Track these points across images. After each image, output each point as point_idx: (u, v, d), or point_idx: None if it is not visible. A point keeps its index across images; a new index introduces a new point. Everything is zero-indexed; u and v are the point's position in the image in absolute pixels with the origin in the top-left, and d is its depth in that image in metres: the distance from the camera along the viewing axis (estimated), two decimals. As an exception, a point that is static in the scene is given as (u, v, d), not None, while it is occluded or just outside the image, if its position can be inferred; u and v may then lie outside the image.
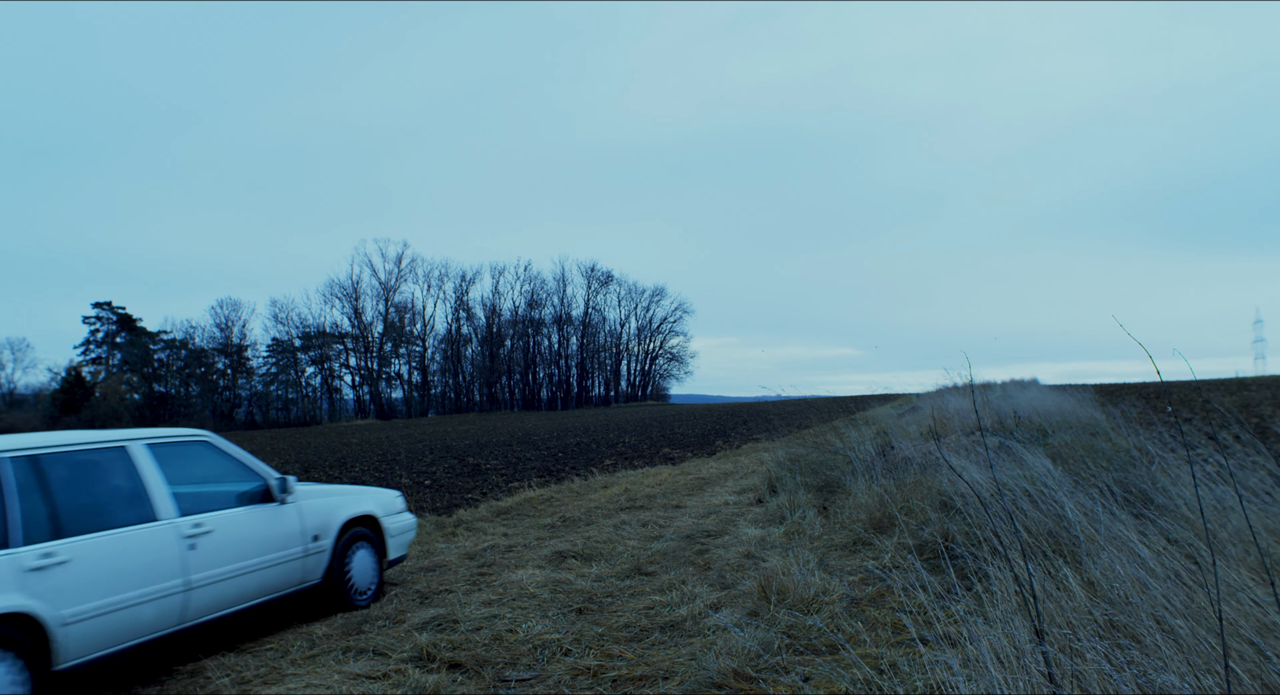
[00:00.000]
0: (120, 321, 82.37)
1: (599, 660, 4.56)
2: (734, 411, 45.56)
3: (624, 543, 8.10)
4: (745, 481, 12.39)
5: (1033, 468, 5.86)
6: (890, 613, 4.54)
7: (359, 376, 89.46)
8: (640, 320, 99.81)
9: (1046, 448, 8.10)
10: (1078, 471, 6.02)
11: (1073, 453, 7.51)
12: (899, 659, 3.84)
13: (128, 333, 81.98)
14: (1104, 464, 6.34)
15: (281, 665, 4.82)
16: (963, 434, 10.72)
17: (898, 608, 4.52)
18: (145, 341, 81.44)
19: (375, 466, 20.84)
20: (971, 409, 8.03)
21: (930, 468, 8.04)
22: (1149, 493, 5.08)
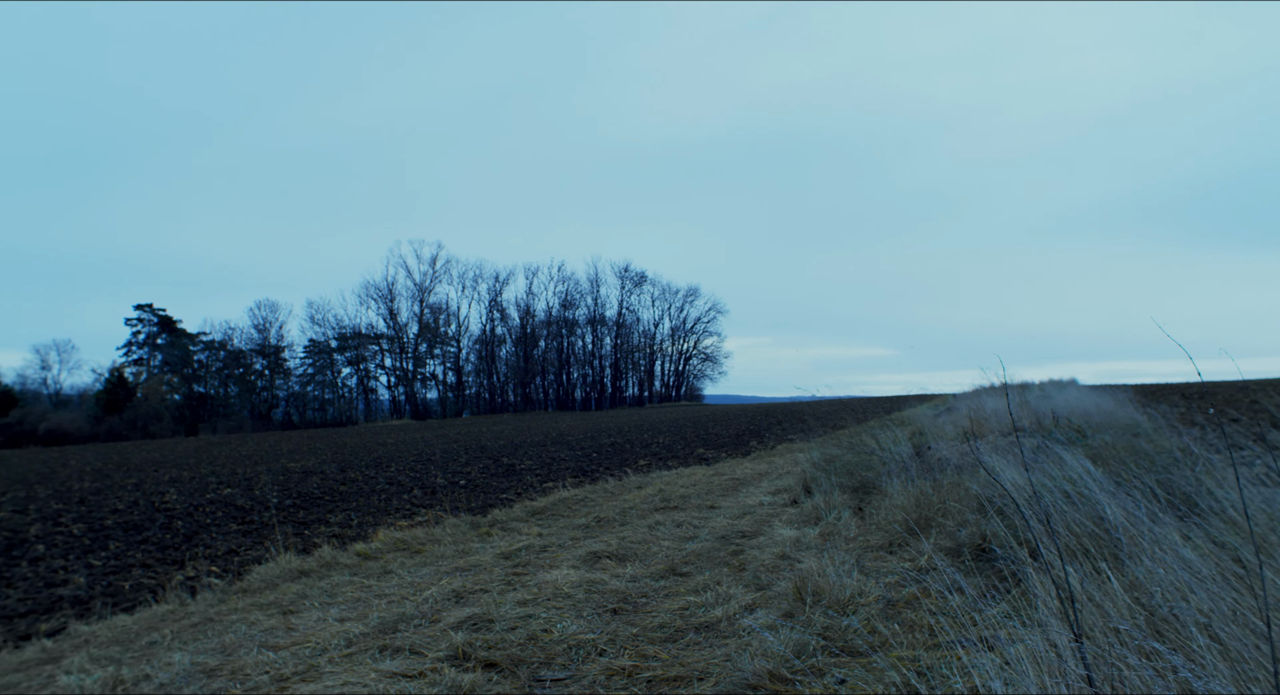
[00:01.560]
0: (161, 323, 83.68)
1: (634, 660, 4.55)
2: (768, 412, 45.42)
3: (658, 543, 8.09)
4: (780, 482, 12.33)
5: (1072, 469, 5.78)
6: (927, 615, 4.49)
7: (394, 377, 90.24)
8: (674, 320, 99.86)
9: (1086, 449, 7.99)
10: (1118, 473, 5.92)
11: (1113, 454, 7.39)
12: (936, 662, 3.80)
13: (168, 334, 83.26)
14: (1145, 465, 6.23)
15: (319, 663, 4.86)
16: (1000, 435, 10.60)
17: (934, 610, 4.47)
18: (185, 343, 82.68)
19: (411, 467, 20.98)
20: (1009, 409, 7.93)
21: (967, 469, 7.96)
22: (1193, 495, 4.98)
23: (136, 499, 16.56)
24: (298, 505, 14.39)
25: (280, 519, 12.77)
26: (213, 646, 5.54)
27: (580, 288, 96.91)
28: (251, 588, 7.86)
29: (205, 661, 5.11)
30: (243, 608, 6.88)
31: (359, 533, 10.97)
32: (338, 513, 13.19)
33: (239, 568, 9.21)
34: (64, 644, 6.48)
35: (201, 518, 13.47)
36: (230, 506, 14.65)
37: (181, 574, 9.14)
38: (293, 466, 22.94)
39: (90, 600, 8.29)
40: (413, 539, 9.54)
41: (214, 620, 6.56)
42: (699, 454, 20.67)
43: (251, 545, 10.70)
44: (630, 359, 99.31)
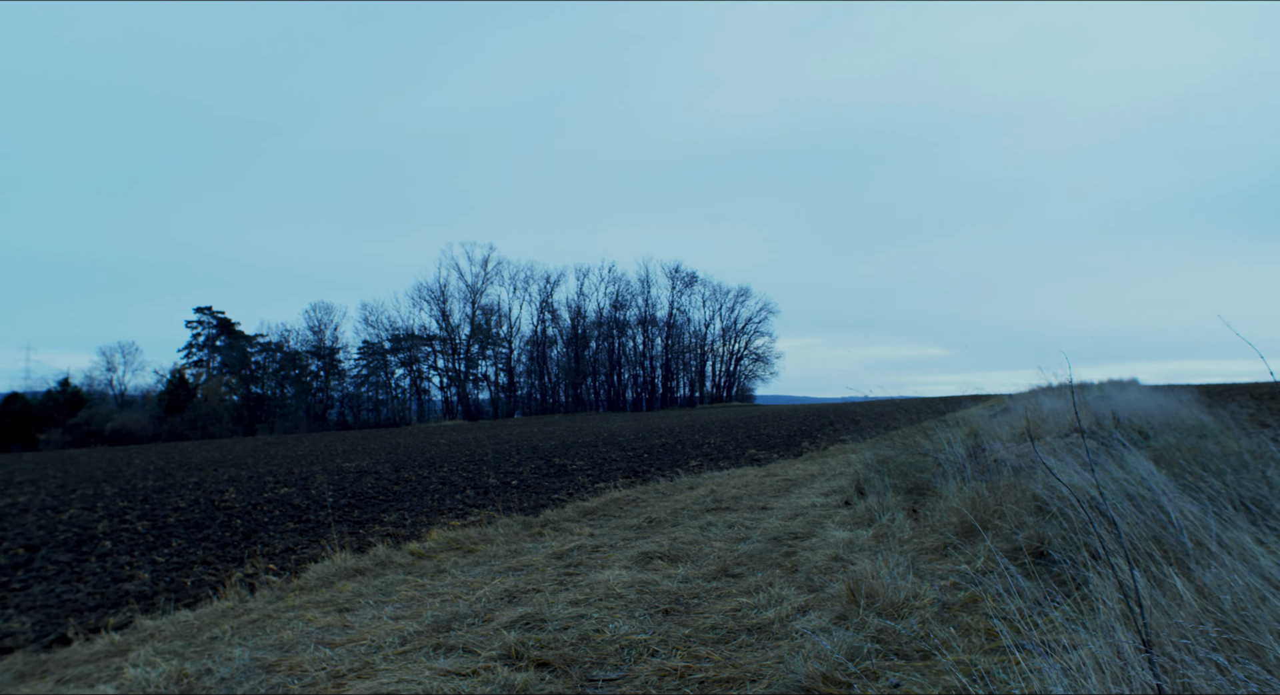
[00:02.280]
0: (220, 325, 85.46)
1: (686, 662, 4.53)
2: (820, 412, 45.10)
3: (710, 544, 8.06)
4: (832, 483, 12.23)
5: (1135, 471, 5.64)
6: (984, 619, 4.41)
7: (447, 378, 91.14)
8: (725, 321, 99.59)
9: (1149, 450, 7.80)
10: (1184, 475, 5.78)
11: (1177, 456, 7.22)
12: (993, 666, 3.73)
13: (227, 336, 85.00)
14: (1213, 468, 6.07)
15: (374, 660, 4.91)
16: (1058, 436, 10.40)
17: (991, 614, 4.40)
18: (243, 344, 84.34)
19: (463, 467, 21.15)
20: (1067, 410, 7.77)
21: (1024, 470, 7.82)
22: (1266, 498, 4.84)
23: (197, 497, 16.91)
24: (353, 504, 14.58)
25: (336, 518, 12.95)
26: (271, 643, 5.63)
27: (631, 288, 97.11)
28: (308, 585, 7.98)
29: (264, 657, 5.19)
30: (300, 605, 6.98)
31: (413, 532, 11.08)
32: (392, 512, 13.33)
33: (296, 566, 9.35)
34: (130, 637, 6.63)
35: (260, 516, 13.71)
36: (287, 505, 14.89)
37: (241, 571, 9.30)
38: (347, 466, 23.26)
39: (155, 596, 8.47)
40: (465, 538, 9.61)
41: (272, 617, 6.67)
42: (750, 455, 20.57)
43: (308, 544, 10.86)
44: (681, 360, 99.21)
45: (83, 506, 16.39)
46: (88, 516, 14.78)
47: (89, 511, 15.50)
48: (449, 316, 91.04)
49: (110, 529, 13.09)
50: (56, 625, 7.63)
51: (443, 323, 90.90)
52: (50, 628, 7.54)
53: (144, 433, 67.66)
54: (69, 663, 6.06)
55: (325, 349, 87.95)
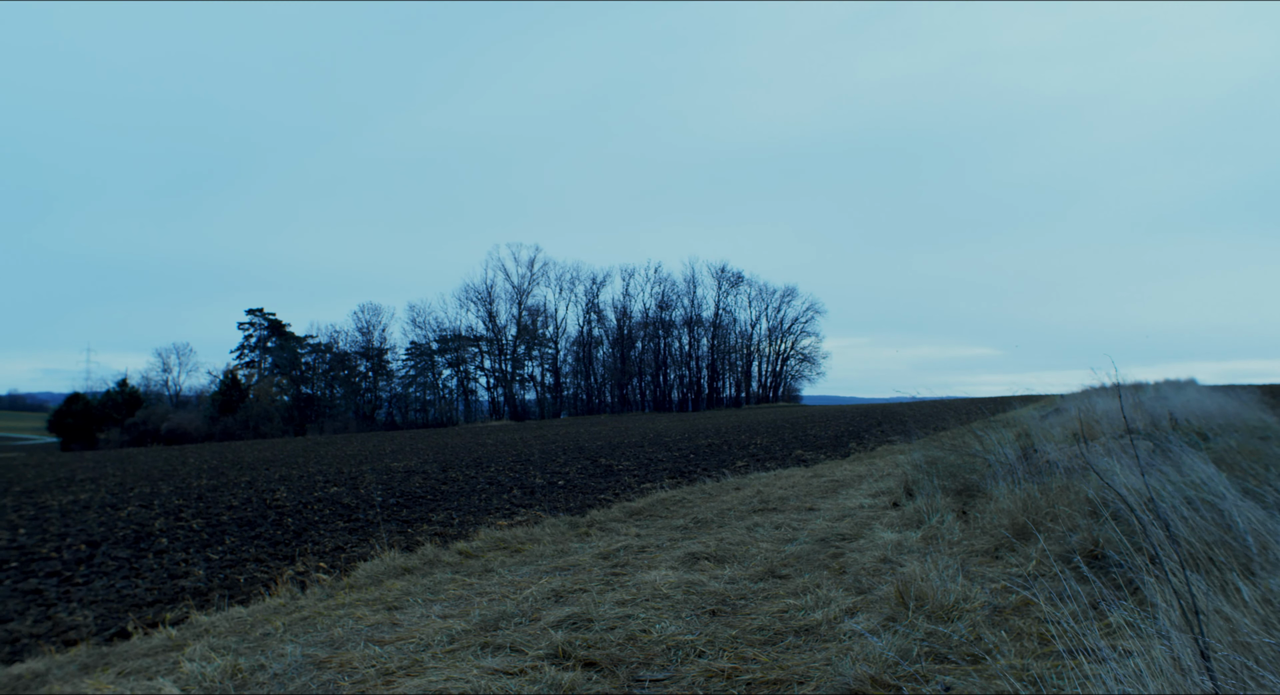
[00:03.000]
0: (271, 327, 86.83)
1: (733, 663, 4.52)
2: (867, 413, 44.72)
3: (757, 545, 8.03)
4: (880, 484, 12.12)
5: (1193, 473, 5.52)
6: (1036, 623, 4.34)
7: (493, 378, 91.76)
8: (771, 321, 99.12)
9: (1208, 452, 7.63)
10: (1246, 478, 5.64)
11: (1239, 458, 7.05)
12: (1046, 672, 3.66)
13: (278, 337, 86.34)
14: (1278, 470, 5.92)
15: (423, 658, 4.95)
16: (1112, 437, 10.20)
17: (1043, 618, 4.32)
18: (293, 345, 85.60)
19: (510, 467, 21.28)
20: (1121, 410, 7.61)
21: (1077, 472, 7.68)
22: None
23: (250, 496, 17.19)
24: (401, 504, 14.73)
25: (384, 517, 13.10)
26: (322, 640, 5.70)
27: (677, 289, 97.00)
28: (358, 584, 8.07)
29: (315, 654, 5.26)
30: (350, 603, 7.07)
31: (460, 531, 11.17)
32: (439, 512, 13.45)
33: (346, 564, 9.47)
34: (187, 633, 6.76)
35: (310, 515, 13.90)
36: (337, 504, 15.08)
37: (292, 569, 9.44)
38: (396, 466, 23.51)
39: (209, 592, 8.64)
40: (512, 538, 9.67)
41: (323, 614, 6.76)
42: (797, 455, 20.46)
43: (357, 542, 11.00)
44: (727, 360, 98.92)
45: (140, 504, 16.75)
46: (145, 514, 15.10)
47: (146, 509, 15.83)
48: (495, 317, 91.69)
49: (167, 526, 13.36)
50: (117, 619, 7.81)
51: (489, 323, 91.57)
52: (111, 622, 7.73)
53: (198, 432, 69.00)
54: (128, 656, 6.21)
55: (374, 350, 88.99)
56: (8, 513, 16.52)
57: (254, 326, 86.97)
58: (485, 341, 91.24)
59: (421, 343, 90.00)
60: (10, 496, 20.19)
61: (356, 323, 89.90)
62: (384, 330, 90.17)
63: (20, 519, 15.36)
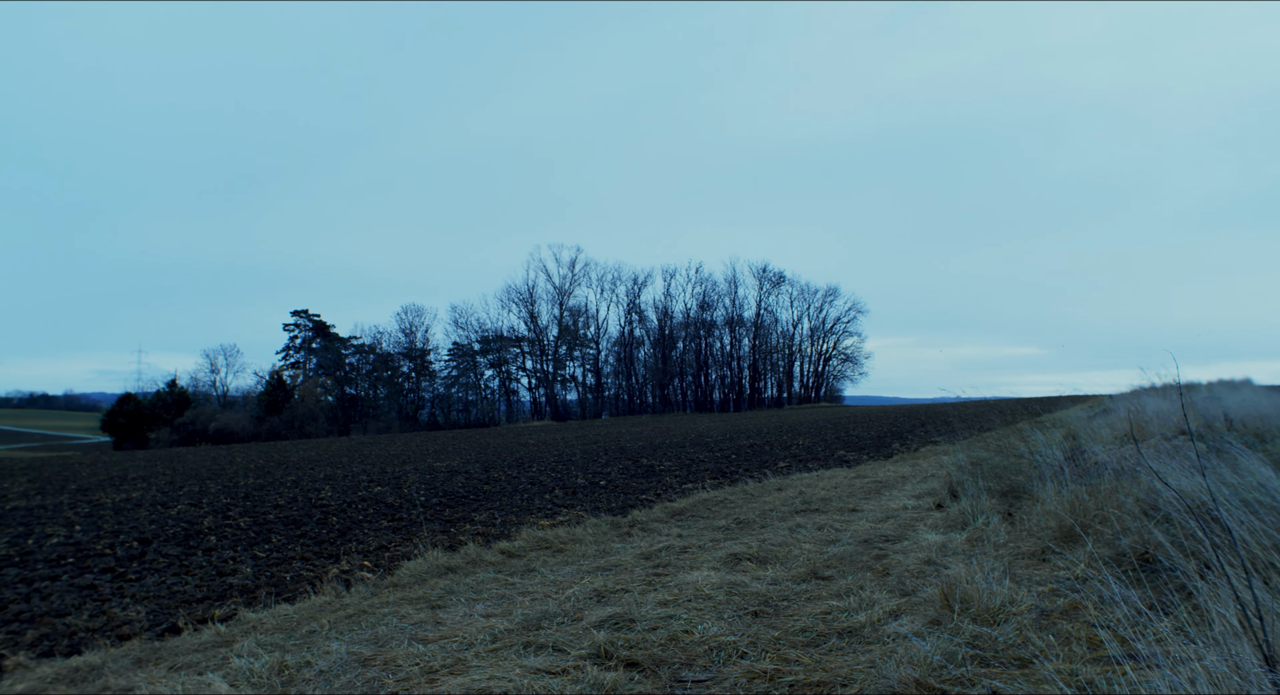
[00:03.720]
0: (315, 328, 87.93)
1: (775, 664, 4.49)
2: (910, 413, 44.29)
3: (799, 546, 7.98)
4: (924, 485, 12.00)
5: (1251, 475, 5.40)
6: (1085, 627, 4.27)
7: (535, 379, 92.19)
8: (813, 321, 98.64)
9: (1265, 454, 7.45)
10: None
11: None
12: (1096, 677, 3.60)
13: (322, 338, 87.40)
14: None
15: (466, 657, 4.99)
16: (1163, 438, 10.01)
17: (1093, 622, 4.25)
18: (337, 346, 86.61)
19: (551, 467, 21.36)
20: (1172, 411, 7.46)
21: (1126, 474, 7.55)
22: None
23: (295, 496, 17.42)
24: (444, 503, 14.85)
25: (427, 516, 13.20)
26: (366, 637, 5.76)
27: (718, 289, 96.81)
28: (401, 582, 8.15)
29: (360, 651, 5.32)
30: (394, 601, 7.14)
31: (502, 531, 11.23)
32: (482, 511, 13.54)
33: (389, 563, 9.56)
34: (235, 629, 6.87)
35: (354, 514, 14.06)
36: (381, 504, 15.24)
37: (337, 567, 9.55)
38: (438, 466, 23.70)
39: (256, 589, 8.76)
40: (555, 538, 9.70)
41: (367, 612, 6.83)
42: (839, 456, 20.33)
43: (401, 541, 11.10)
44: (768, 360, 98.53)
45: (189, 502, 17.04)
46: (194, 512, 15.36)
47: (195, 507, 16.10)
48: (537, 318, 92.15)
49: (215, 524, 13.58)
50: (168, 615, 7.96)
51: (531, 324, 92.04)
52: (162, 617, 7.88)
53: (244, 432, 70.06)
54: (179, 651, 6.32)
55: (416, 351, 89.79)
56: (64, 510, 16.89)
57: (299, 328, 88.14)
58: (527, 342, 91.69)
59: (464, 343, 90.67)
60: (66, 494, 20.65)
61: (400, 324, 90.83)
62: (427, 331, 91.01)
63: (76, 516, 15.71)
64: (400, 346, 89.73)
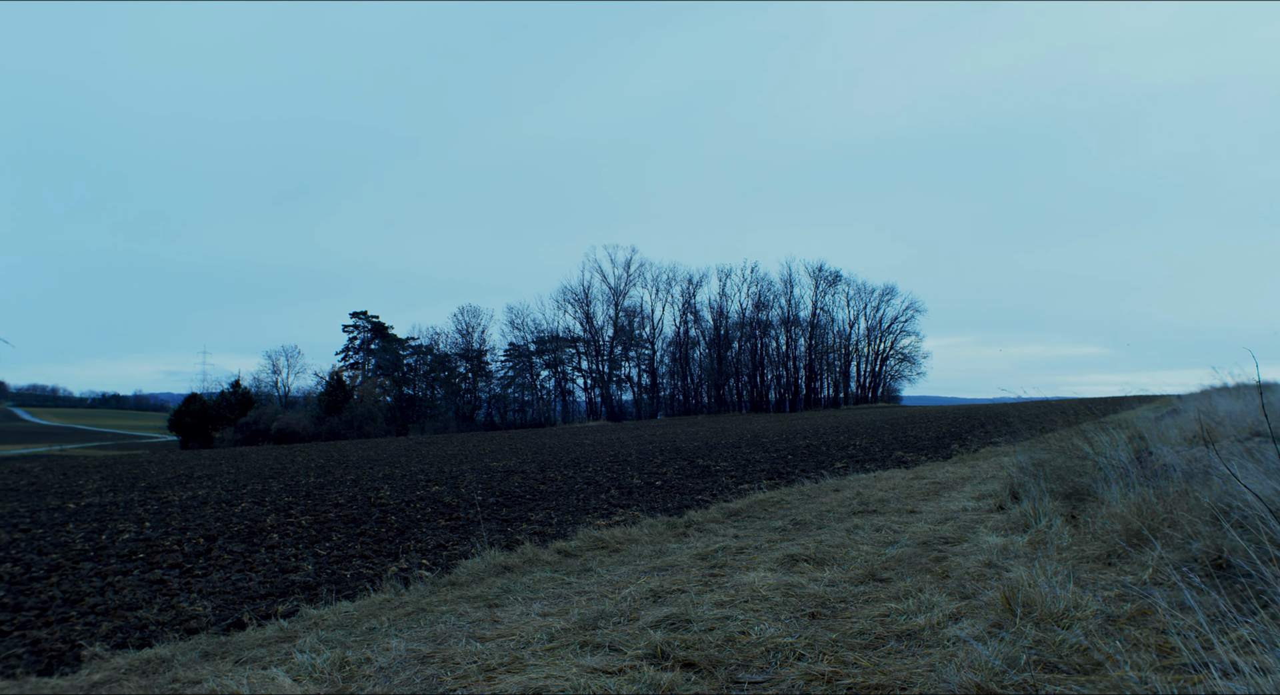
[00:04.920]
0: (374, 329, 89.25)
1: (833, 666, 4.45)
2: (969, 414, 43.63)
3: (857, 548, 7.90)
4: (984, 487, 11.81)
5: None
6: (1155, 633, 4.16)
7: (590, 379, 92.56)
8: (869, 320, 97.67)
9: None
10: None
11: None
12: (1167, 685, 3.50)
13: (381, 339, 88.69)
14: None
15: (523, 655, 5.01)
16: (1236, 439, 9.72)
17: (1163, 628, 4.14)
18: (396, 347, 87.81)
19: (607, 467, 21.41)
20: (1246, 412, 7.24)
21: (1197, 476, 7.34)
22: None
23: (355, 494, 17.68)
24: (500, 503, 14.96)
25: (484, 516, 13.32)
26: (425, 635, 5.82)
27: (773, 289, 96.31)
28: (459, 581, 8.23)
29: (419, 649, 5.37)
30: (451, 599, 7.20)
31: (559, 531, 11.28)
32: (538, 511, 13.61)
33: (447, 561, 9.66)
34: (297, 625, 7.00)
35: (413, 513, 14.22)
36: (438, 503, 15.40)
37: (395, 565, 9.67)
38: (495, 466, 23.89)
39: (317, 586, 8.91)
40: (610, 538, 9.72)
41: (425, 610, 6.90)
42: (897, 457, 20.09)
43: (458, 540, 11.20)
44: (824, 360, 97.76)
45: (252, 501, 17.39)
46: (257, 510, 15.67)
47: (258, 506, 16.42)
48: (592, 318, 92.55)
49: (277, 522, 13.83)
50: (233, 610, 8.13)
51: (586, 325, 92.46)
52: (228, 612, 8.05)
53: (305, 432, 71.35)
54: (244, 646, 6.45)
55: (473, 351, 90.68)
56: (134, 507, 17.35)
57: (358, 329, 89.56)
58: (582, 342, 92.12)
59: (520, 344, 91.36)
60: (136, 492, 21.21)
61: (456, 325, 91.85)
62: (483, 332, 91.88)
63: (145, 513, 16.12)
64: (457, 347, 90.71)
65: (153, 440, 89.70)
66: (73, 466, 36.49)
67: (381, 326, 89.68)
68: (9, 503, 19.84)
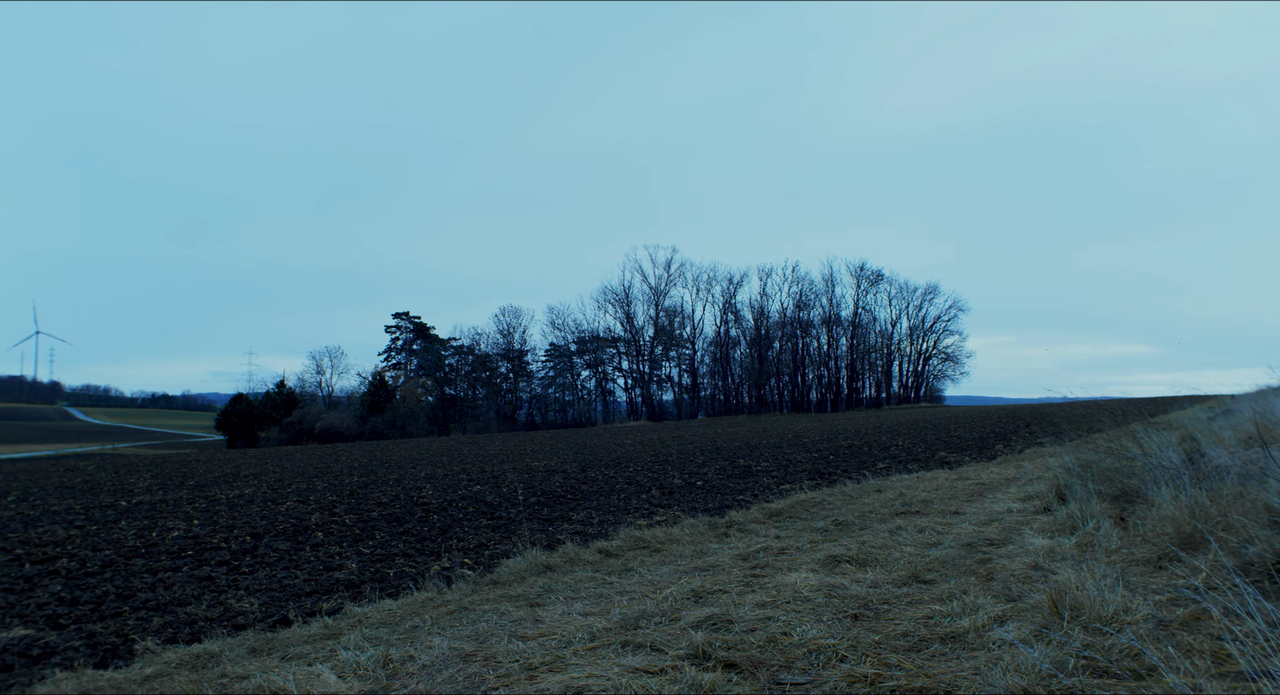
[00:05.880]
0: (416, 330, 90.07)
1: (876, 669, 4.40)
2: (1014, 414, 43.06)
3: (899, 549, 7.82)
4: (1029, 488, 11.64)
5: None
6: (1209, 640, 4.07)
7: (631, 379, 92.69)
8: (912, 319, 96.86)
9: None
10: None
11: None
12: (1224, 693, 3.43)
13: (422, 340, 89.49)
14: None
15: (564, 655, 5.02)
16: (1292, 440, 9.50)
17: (1218, 634, 4.05)
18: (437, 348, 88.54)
19: (648, 467, 21.41)
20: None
21: (1253, 478, 7.18)
22: None
23: (398, 493, 17.85)
24: (542, 502, 15.02)
25: (526, 515, 13.37)
26: (467, 633, 5.85)
27: (815, 288, 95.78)
28: (501, 580, 8.27)
29: (461, 647, 5.40)
30: (493, 598, 7.24)
31: (600, 530, 11.30)
32: (579, 511, 13.64)
33: (489, 560, 9.71)
34: (341, 622, 7.07)
35: (455, 512, 14.32)
36: (480, 502, 15.49)
37: (438, 564, 9.74)
38: (536, 465, 23.99)
39: (361, 584, 9.00)
40: (652, 538, 9.71)
41: (468, 609, 6.94)
42: (940, 457, 19.88)
43: (500, 539, 11.26)
44: (866, 360, 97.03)
45: (297, 499, 17.61)
46: (302, 509, 15.87)
47: (303, 504, 16.63)
48: (633, 318, 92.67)
49: (321, 521, 14.00)
50: (279, 607, 8.24)
51: (626, 325, 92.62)
52: (274, 609, 8.16)
53: (348, 431, 72.15)
54: (290, 642, 6.54)
55: (514, 352, 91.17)
56: (183, 505, 17.66)
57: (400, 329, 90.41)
58: (623, 342, 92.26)
59: (560, 344, 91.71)
60: (185, 490, 21.58)
61: (498, 325, 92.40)
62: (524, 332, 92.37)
63: (194, 511, 16.40)
64: (498, 347, 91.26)
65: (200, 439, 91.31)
66: (124, 465, 37.23)
67: (423, 327, 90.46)
68: (65, 500, 20.29)
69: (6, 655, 7.04)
